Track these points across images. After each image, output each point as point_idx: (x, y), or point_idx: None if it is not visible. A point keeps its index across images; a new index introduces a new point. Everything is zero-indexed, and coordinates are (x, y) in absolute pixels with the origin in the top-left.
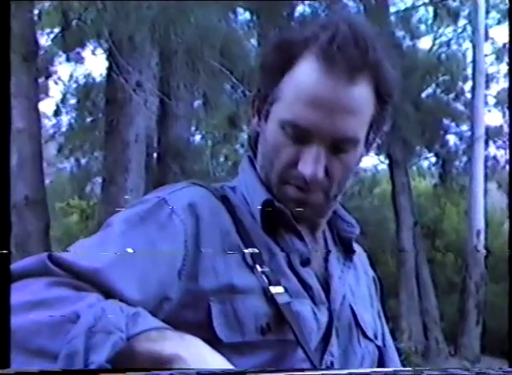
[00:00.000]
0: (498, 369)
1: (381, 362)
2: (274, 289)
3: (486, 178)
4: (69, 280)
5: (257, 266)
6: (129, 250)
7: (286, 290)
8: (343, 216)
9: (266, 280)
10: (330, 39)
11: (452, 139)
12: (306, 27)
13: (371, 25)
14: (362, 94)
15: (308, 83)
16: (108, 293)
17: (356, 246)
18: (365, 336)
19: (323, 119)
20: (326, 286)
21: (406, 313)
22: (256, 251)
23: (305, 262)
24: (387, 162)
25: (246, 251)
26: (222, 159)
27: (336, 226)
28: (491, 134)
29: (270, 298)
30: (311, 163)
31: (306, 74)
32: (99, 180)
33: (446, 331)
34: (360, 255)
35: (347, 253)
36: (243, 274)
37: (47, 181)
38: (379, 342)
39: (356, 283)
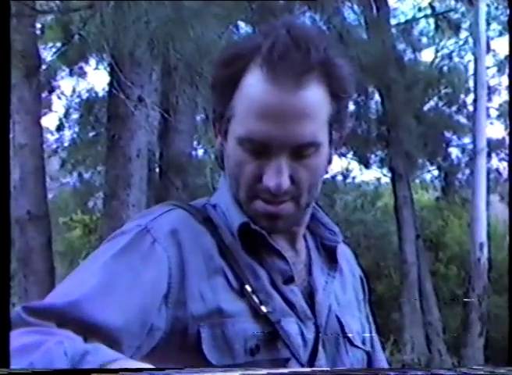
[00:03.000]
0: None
1: (370, 366)
2: (265, 308)
3: (489, 191)
4: (44, 329)
5: (247, 287)
6: (111, 280)
7: (275, 309)
8: (326, 224)
9: (257, 300)
10: (270, 47)
11: (454, 152)
12: (249, 40)
13: (312, 25)
14: (313, 96)
15: (256, 96)
16: (89, 324)
17: (342, 246)
18: (353, 345)
19: (277, 130)
20: (311, 300)
21: (409, 325)
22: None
23: (288, 281)
24: (389, 175)
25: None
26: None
27: (320, 234)
28: (493, 147)
29: (262, 318)
30: (274, 175)
31: (253, 87)
32: (102, 194)
33: (449, 343)
34: (346, 255)
35: (331, 262)
36: (230, 297)
37: (50, 196)
38: (368, 347)
39: (342, 291)
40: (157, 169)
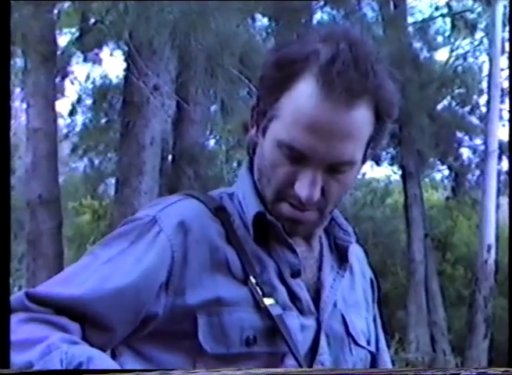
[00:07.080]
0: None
1: (373, 367)
2: (267, 301)
3: (499, 192)
4: (42, 315)
5: (251, 278)
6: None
7: (277, 302)
8: (340, 224)
9: (260, 292)
10: (330, 61)
11: (465, 152)
12: (306, 43)
13: (371, 43)
14: (361, 117)
15: (307, 107)
16: (83, 314)
17: (356, 247)
18: (357, 344)
19: (321, 144)
20: (316, 296)
21: (414, 324)
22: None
23: (296, 274)
24: (400, 172)
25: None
26: (235, 164)
27: (333, 233)
28: (504, 149)
29: (263, 310)
30: (307, 185)
31: (305, 97)
32: (112, 180)
33: (453, 343)
34: (358, 256)
35: (342, 261)
36: (232, 287)
37: (60, 180)
38: (372, 347)
39: (350, 290)
40: (169, 158)
